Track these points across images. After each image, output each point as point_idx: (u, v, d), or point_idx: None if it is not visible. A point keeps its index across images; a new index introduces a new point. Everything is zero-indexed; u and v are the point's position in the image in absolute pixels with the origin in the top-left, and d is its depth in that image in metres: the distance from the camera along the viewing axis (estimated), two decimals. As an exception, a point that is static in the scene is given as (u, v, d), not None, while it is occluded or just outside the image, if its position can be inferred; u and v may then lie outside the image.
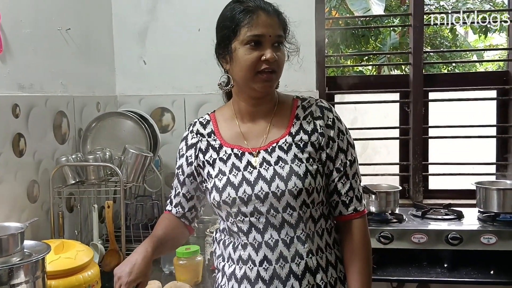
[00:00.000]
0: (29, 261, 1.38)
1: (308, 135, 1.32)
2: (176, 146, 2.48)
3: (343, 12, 7.62)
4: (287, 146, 1.31)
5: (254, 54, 1.24)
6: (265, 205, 1.26)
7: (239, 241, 1.31)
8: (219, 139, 1.37)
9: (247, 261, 1.29)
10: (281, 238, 1.27)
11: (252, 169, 1.30)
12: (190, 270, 1.83)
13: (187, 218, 1.47)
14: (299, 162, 1.28)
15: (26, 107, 1.79)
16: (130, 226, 2.29)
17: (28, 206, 1.81)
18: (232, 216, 1.30)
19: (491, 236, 2.04)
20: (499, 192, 2.19)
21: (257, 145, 1.33)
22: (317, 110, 1.34)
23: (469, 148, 2.73)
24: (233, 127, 1.38)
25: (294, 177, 1.26)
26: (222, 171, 1.32)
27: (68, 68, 2.11)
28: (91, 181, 2.00)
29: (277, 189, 1.26)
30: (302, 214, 1.27)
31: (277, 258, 1.26)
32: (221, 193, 1.30)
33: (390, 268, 2.05)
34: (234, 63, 1.28)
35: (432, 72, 6.65)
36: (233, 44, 1.26)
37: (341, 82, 2.76)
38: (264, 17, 1.26)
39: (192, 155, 1.40)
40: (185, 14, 2.54)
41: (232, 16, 1.27)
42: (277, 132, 1.33)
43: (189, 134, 1.43)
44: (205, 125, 1.41)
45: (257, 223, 1.28)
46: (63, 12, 2.08)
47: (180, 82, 2.57)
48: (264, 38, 1.25)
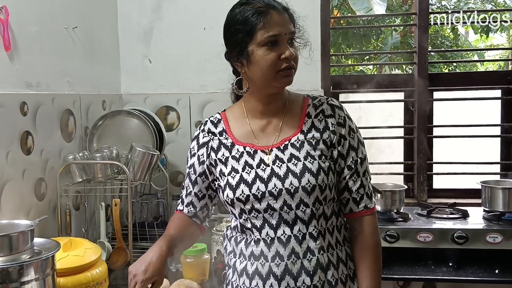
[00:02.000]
0: (39, 258, 1.38)
1: (320, 132, 1.33)
2: (181, 144, 2.55)
3: (345, 11, 7.63)
4: (299, 143, 1.32)
5: (273, 54, 1.25)
6: (278, 202, 1.27)
7: (252, 237, 1.32)
8: (230, 137, 1.38)
9: (259, 257, 1.30)
10: (294, 234, 1.28)
11: (265, 166, 1.31)
12: (197, 268, 1.84)
13: (199, 217, 1.47)
14: (311, 159, 1.29)
15: (33, 105, 1.79)
16: (136, 224, 2.30)
17: (36, 204, 1.81)
18: (246, 213, 1.31)
19: (497, 235, 2.04)
20: (504, 191, 2.19)
21: (269, 143, 1.34)
22: (328, 109, 1.36)
23: (474, 148, 2.74)
24: (243, 125, 1.38)
25: (307, 173, 1.27)
26: (235, 169, 1.33)
27: (74, 67, 2.12)
28: (98, 179, 2.00)
29: (290, 185, 1.27)
30: (315, 211, 1.28)
31: (289, 254, 1.27)
32: (235, 190, 1.31)
33: (396, 266, 2.06)
34: (253, 66, 1.28)
35: (435, 72, 6.66)
36: (250, 47, 1.26)
37: (346, 81, 2.77)
38: (277, 16, 1.26)
39: (204, 154, 1.40)
40: (190, 13, 2.54)
41: (245, 19, 1.26)
42: (288, 130, 1.34)
43: (200, 133, 1.43)
44: (216, 124, 1.42)
45: (271, 218, 1.29)
46: (69, 11, 2.09)
47: (185, 81, 2.57)
48: (280, 37, 1.26)
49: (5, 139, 1.64)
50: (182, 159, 2.55)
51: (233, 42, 1.30)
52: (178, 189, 2.54)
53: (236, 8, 1.30)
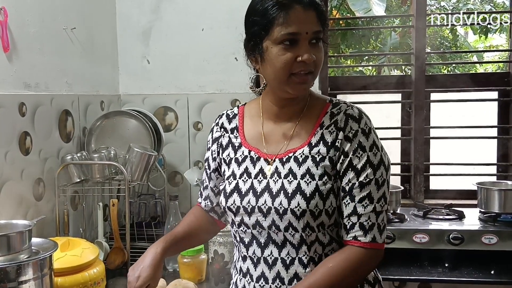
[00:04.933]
0: (36, 258, 1.39)
1: (327, 147, 1.18)
2: (179, 145, 2.57)
3: (344, 11, 7.63)
4: (302, 158, 1.19)
5: (288, 55, 1.13)
6: (267, 220, 1.18)
7: (241, 253, 1.27)
8: (240, 137, 1.30)
9: (246, 274, 1.26)
10: (281, 257, 1.19)
11: (262, 178, 1.22)
12: (194, 268, 1.85)
13: (216, 212, 1.41)
14: (310, 178, 1.16)
15: (32, 106, 1.80)
16: (133, 224, 2.31)
17: (34, 204, 1.82)
18: (235, 225, 1.26)
19: (492, 236, 2.05)
20: (500, 192, 2.20)
21: (276, 151, 1.23)
22: (342, 119, 1.19)
23: (471, 149, 2.75)
24: (257, 126, 1.29)
25: (298, 195, 1.15)
26: (234, 174, 1.27)
27: (73, 67, 2.13)
28: (96, 179, 2.01)
29: (279, 205, 1.16)
30: (305, 237, 1.16)
31: (274, 277, 1.19)
32: (227, 198, 1.25)
33: (392, 267, 2.06)
34: (266, 64, 1.17)
35: (433, 73, 6.67)
36: (264, 43, 1.15)
37: (343, 82, 2.79)
38: (301, 12, 1.12)
39: (216, 150, 1.35)
40: (189, 13, 2.55)
41: (264, 11, 1.14)
42: (298, 140, 1.22)
43: (214, 126, 1.38)
44: (231, 119, 1.34)
45: (259, 236, 1.21)
46: (68, 11, 2.09)
47: (183, 81, 2.58)
48: (300, 36, 1.12)
49: (3, 140, 1.65)
50: (180, 159, 2.58)
51: (250, 34, 1.19)
52: (176, 189, 2.57)
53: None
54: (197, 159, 2.56)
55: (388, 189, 1.20)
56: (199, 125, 2.56)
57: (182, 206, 2.46)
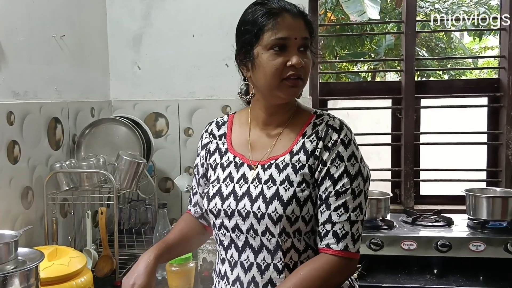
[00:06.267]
0: (23, 269, 1.39)
1: (307, 156, 1.22)
2: (170, 151, 2.57)
3: (338, 13, 7.65)
4: (283, 165, 1.23)
5: (279, 60, 1.17)
6: (245, 224, 1.22)
7: (220, 255, 1.30)
8: (227, 143, 1.35)
9: (223, 277, 1.28)
10: (257, 262, 1.21)
11: (244, 183, 1.25)
12: (182, 277, 1.85)
13: (206, 219, 1.42)
14: (288, 185, 1.19)
15: (20, 115, 1.80)
16: (124, 231, 2.32)
17: (22, 212, 1.82)
18: (216, 228, 1.29)
19: (480, 244, 2.06)
20: (489, 199, 2.21)
21: (259, 158, 1.27)
22: (324, 129, 1.23)
23: (461, 154, 2.77)
24: (244, 133, 1.34)
25: (276, 201, 1.18)
26: (218, 178, 1.31)
27: (62, 75, 2.13)
28: (85, 187, 2.01)
29: (258, 210, 1.20)
30: (280, 243, 1.19)
31: (249, 281, 1.22)
32: (210, 201, 1.29)
33: (380, 274, 2.08)
34: (257, 70, 1.21)
35: (424, 79, 6.72)
36: (255, 50, 1.20)
37: (334, 88, 2.80)
38: (290, 19, 1.18)
39: (204, 156, 1.39)
40: (179, 20, 2.56)
41: (254, 20, 1.20)
42: (281, 148, 1.26)
43: (204, 133, 1.42)
44: (220, 126, 1.40)
45: (237, 240, 1.24)
46: (57, 19, 2.09)
47: (174, 87, 2.58)
48: (289, 42, 1.17)
49: (-9, 149, 1.65)
50: (170, 165, 2.59)
51: (240, 43, 1.24)
52: (167, 195, 2.58)
53: (250, 8, 1.24)
54: (187, 165, 2.56)
55: (366, 200, 1.22)
56: (190, 131, 2.57)
57: (173, 212, 2.48)
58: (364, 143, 2.71)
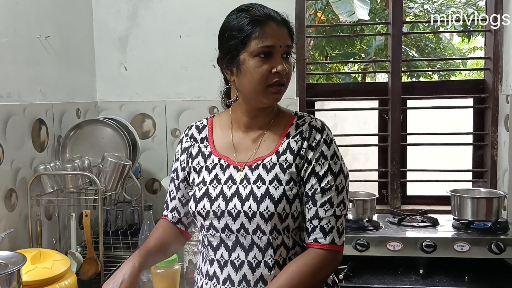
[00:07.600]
0: (4, 273, 1.38)
1: (293, 155, 1.27)
2: (156, 152, 2.57)
3: (329, 13, 7.67)
4: (270, 165, 1.27)
5: (264, 67, 1.21)
6: (236, 224, 1.24)
7: (208, 256, 1.31)
8: (210, 146, 1.36)
9: (212, 278, 1.29)
10: (248, 260, 1.24)
11: (232, 184, 1.28)
12: (167, 279, 1.84)
13: (183, 223, 1.45)
14: (278, 184, 1.24)
15: (3, 116, 1.79)
16: (110, 233, 2.31)
17: (6, 215, 1.81)
18: (204, 229, 1.31)
19: (464, 244, 2.07)
20: (473, 200, 2.22)
21: (245, 159, 1.31)
22: (307, 130, 1.29)
23: (447, 155, 2.78)
24: (226, 136, 1.36)
25: (267, 199, 1.22)
26: (204, 181, 1.32)
27: (47, 76, 2.12)
28: (69, 189, 2.00)
29: (249, 209, 1.23)
30: (271, 240, 1.23)
31: (240, 279, 1.24)
32: (197, 203, 1.30)
33: (366, 275, 2.08)
34: (242, 75, 1.24)
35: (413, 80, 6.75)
36: (241, 56, 1.23)
37: (322, 89, 2.80)
38: (275, 27, 1.23)
39: (185, 160, 1.40)
40: (166, 21, 2.55)
41: (240, 26, 1.23)
42: (266, 149, 1.30)
43: (184, 137, 1.43)
44: (201, 130, 1.41)
45: (227, 240, 1.26)
46: (42, 19, 2.08)
47: (161, 88, 2.58)
48: (274, 49, 1.22)
49: (-27, 152, 1.64)
50: (157, 166, 2.58)
51: (226, 48, 1.26)
52: (154, 197, 2.57)
53: (234, 14, 1.27)
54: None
55: (347, 195, 1.29)
56: (177, 132, 2.56)
57: (160, 214, 2.43)
58: (351, 144, 2.73)
